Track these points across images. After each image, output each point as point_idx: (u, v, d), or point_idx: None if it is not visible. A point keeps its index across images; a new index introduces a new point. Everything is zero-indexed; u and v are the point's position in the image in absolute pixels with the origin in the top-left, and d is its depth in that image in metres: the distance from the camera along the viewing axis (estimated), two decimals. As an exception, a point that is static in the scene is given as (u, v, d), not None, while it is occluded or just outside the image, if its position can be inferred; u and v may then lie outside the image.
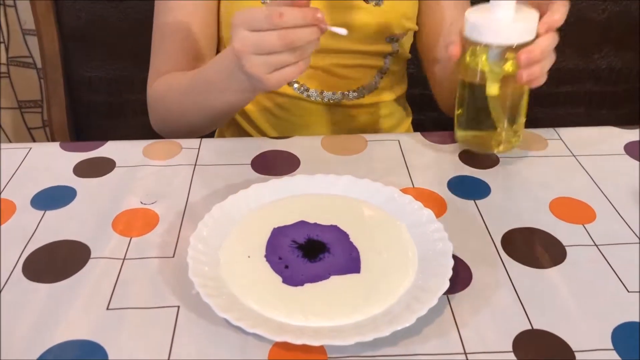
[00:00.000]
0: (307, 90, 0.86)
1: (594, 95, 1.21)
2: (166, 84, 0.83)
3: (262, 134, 0.91)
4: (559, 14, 0.63)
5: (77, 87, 1.17)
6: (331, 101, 0.87)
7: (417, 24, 0.89)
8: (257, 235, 0.57)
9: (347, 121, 0.90)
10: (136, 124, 1.13)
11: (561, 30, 0.64)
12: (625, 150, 0.73)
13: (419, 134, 0.77)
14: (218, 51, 0.89)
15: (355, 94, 0.88)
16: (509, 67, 0.65)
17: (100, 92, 1.17)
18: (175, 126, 0.83)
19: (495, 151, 0.72)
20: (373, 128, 0.92)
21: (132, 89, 1.16)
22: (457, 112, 0.72)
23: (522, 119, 0.71)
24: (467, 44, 0.66)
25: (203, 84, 0.75)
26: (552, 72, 1.24)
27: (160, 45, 0.86)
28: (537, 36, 0.63)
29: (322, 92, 0.87)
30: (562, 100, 1.20)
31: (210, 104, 0.75)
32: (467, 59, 0.67)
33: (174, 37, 0.84)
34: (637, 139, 0.76)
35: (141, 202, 0.64)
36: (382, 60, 0.88)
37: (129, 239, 0.59)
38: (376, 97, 0.90)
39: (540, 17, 0.64)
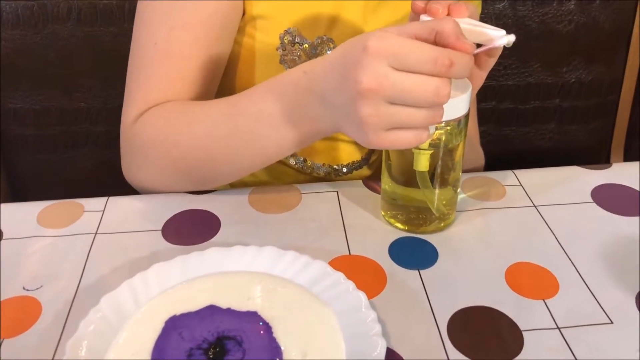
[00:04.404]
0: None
1: (564, 110, 1.14)
2: (173, 117, 0.61)
3: None
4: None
5: (3, 121, 1.07)
6: (315, 174, 0.76)
7: None
8: (149, 332, 0.47)
9: None
10: (69, 157, 1.06)
11: (526, 44, 0.54)
12: (593, 197, 0.65)
13: (360, 182, 0.68)
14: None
15: (345, 169, 0.77)
16: (438, 135, 0.55)
17: (29, 125, 1.07)
18: (182, 176, 0.63)
19: (422, 230, 0.60)
20: None
21: (62, 120, 1.06)
22: (384, 182, 0.61)
23: (456, 194, 0.61)
24: None
25: (250, 115, 0.56)
26: (519, 87, 1.14)
27: (158, 66, 0.63)
28: None
29: (306, 161, 0.76)
30: (531, 116, 1.13)
31: (258, 145, 0.57)
32: None
33: (189, 59, 0.63)
34: (605, 181, 0.67)
35: (24, 288, 0.54)
36: None
37: (1, 341, 0.49)
38: (364, 172, 0.79)
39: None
